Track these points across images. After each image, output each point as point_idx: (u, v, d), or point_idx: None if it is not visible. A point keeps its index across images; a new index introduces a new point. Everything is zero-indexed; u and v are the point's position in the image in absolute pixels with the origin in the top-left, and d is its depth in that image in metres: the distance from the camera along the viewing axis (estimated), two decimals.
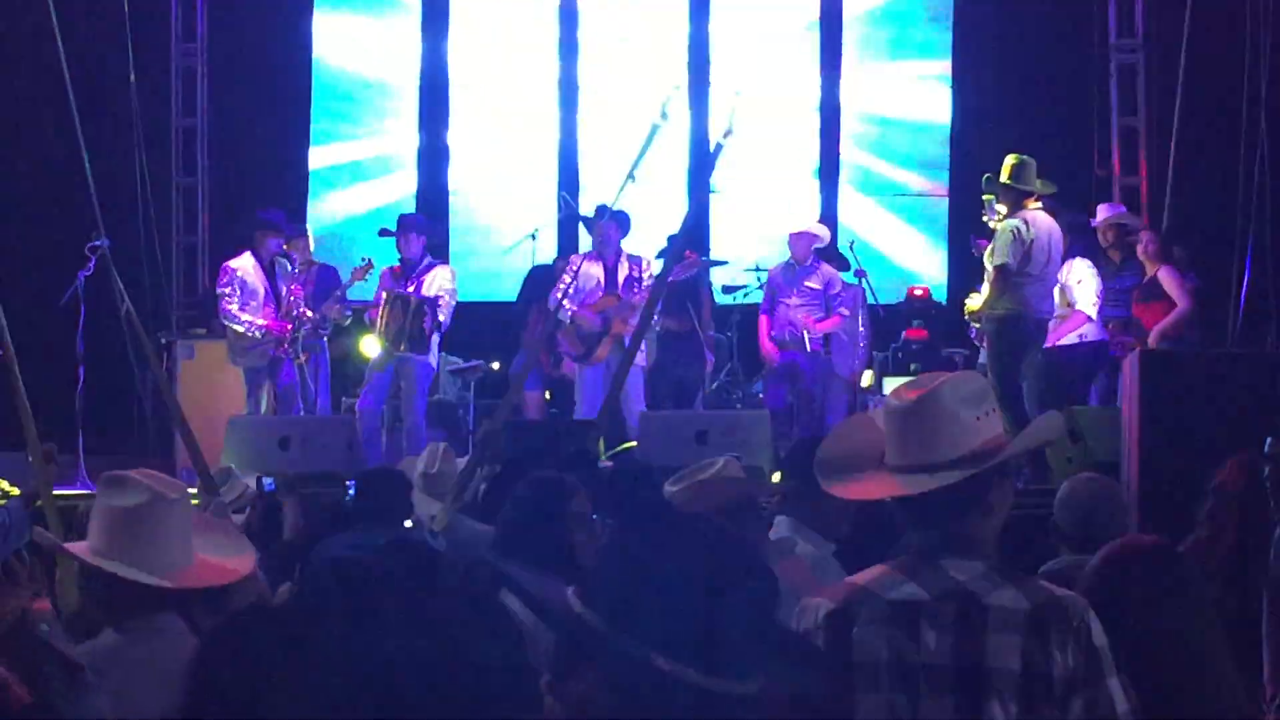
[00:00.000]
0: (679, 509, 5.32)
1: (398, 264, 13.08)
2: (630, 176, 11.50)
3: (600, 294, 12.83)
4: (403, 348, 12.65)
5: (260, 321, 12.92)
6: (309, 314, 13.10)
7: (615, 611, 2.34)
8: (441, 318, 12.83)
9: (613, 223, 12.89)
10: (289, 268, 13.19)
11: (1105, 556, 4.11)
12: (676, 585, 2.33)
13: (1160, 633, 3.90)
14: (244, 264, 13.12)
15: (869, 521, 4.93)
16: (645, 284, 12.62)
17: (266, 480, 9.24)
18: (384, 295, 12.82)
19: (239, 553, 4.32)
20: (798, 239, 13.31)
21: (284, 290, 13.07)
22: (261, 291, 13.03)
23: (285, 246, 13.43)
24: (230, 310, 12.99)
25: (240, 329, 12.97)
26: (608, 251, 12.95)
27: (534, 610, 3.93)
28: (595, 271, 12.90)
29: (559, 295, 12.79)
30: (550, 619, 2.40)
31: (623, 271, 12.91)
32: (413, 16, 17.25)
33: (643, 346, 12.34)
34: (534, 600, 4.05)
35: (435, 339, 12.94)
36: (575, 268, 12.87)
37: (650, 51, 17.06)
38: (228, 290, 13.02)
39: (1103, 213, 12.93)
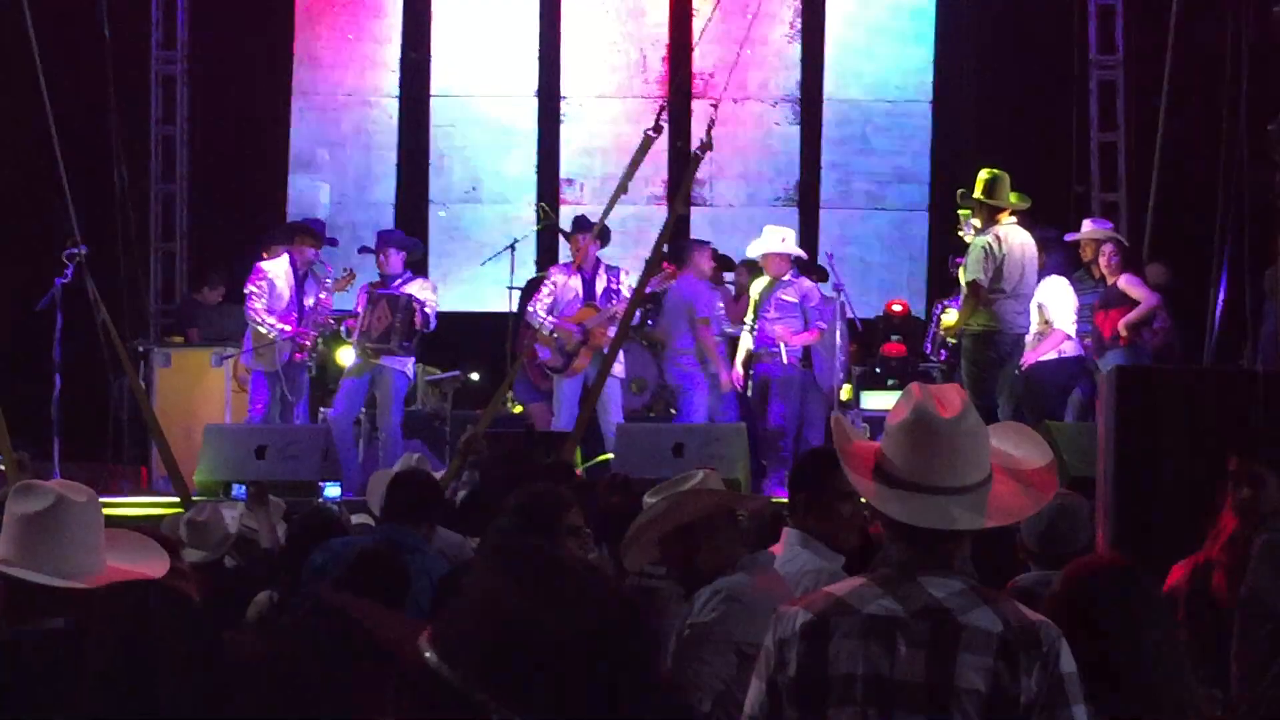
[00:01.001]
0: (647, 526, 5.29)
1: (377, 280, 13.04)
2: (622, 188, 11.52)
3: (579, 306, 12.82)
4: (392, 345, 12.59)
5: (282, 326, 12.87)
6: (332, 323, 13.11)
7: (474, 665, 2.09)
8: (429, 311, 12.82)
9: (591, 235, 12.87)
10: (323, 276, 13.12)
11: (1068, 575, 4.10)
12: (549, 642, 2.07)
13: (1124, 649, 3.89)
14: (276, 267, 13.09)
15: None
16: (623, 295, 12.61)
17: (238, 488, 9.19)
18: (367, 297, 12.78)
19: (150, 559, 4.25)
20: (768, 259, 13.23)
21: (313, 299, 13.01)
22: (287, 296, 12.98)
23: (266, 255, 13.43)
24: (256, 310, 12.94)
25: (263, 330, 12.93)
26: (586, 263, 12.93)
27: None
28: (574, 284, 12.88)
29: (537, 308, 12.79)
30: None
31: (600, 283, 12.89)
32: (394, 27, 17.24)
33: (620, 358, 12.35)
34: None
35: (411, 355, 12.93)
36: (554, 280, 12.88)
37: (631, 63, 17.06)
38: (256, 290, 12.98)
39: (1085, 227, 12.93)
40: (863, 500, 3.87)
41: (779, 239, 13.31)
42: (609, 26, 17.13)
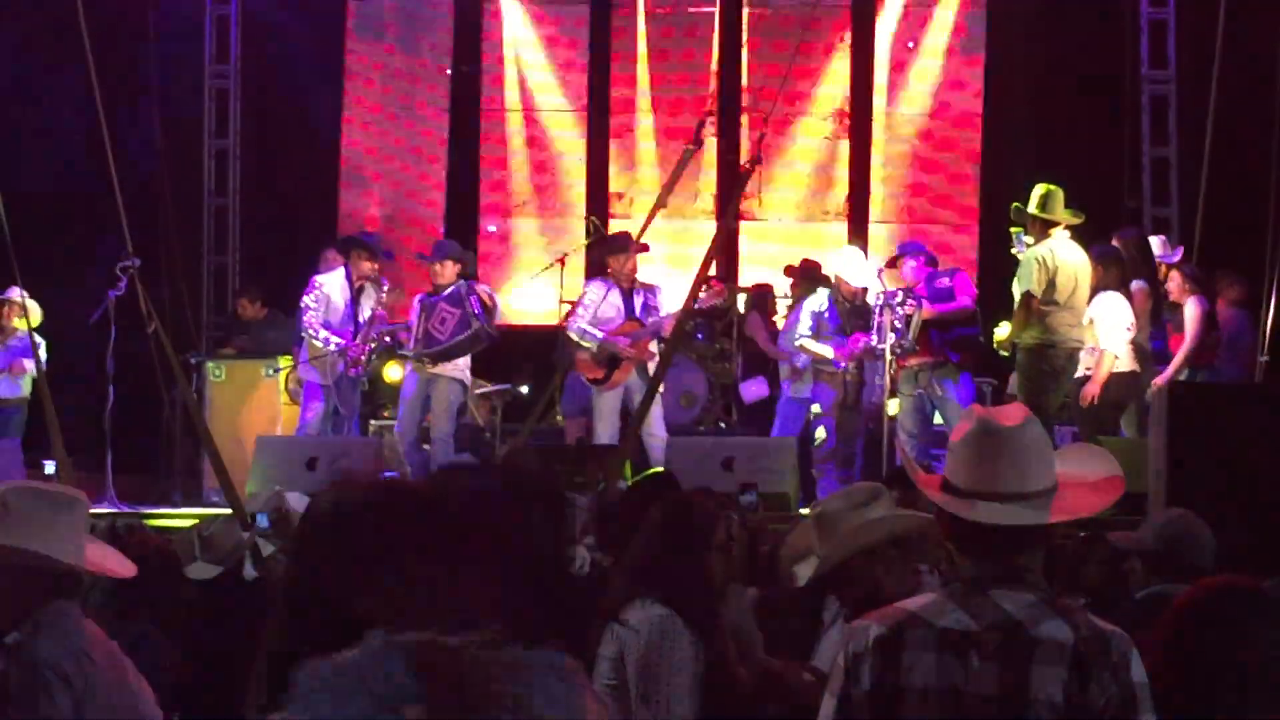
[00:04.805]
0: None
1: (431, 291, 13.02)
2: (660, 203, 11.52)
3: (621, 320, 12.81)
4: (475, 327, 12.55)
5: (337, 340, 12.89)
6: (387, 340, 13.13)
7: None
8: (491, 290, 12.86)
9: (635, 251, 12.90)
10: (379, 292, 13.11)
11: (1193, 593, 4.07)
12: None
13: (1246, 669, 3.88)
14: (332, 281, 13.10)
15: None
16: (660, 311, 12.66)
17: (261, 516, 8.88)
18: (420, 306, 12.75)
19: (122, 563, 4.71)
20: (846, 281, 13.08)
21: (369, 312, 13.03)
22: (342, 309, 13.00)
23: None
24: (311, 323, 12.97)
25: (318, 343, 12.95)
26: (625, 279, 12.93)
27: None
28: (614, 299, 12.88)
29: (584, 322, 12.77)
30: None
31: (638, 299, 12.90)
32: (445, 41, 17.31)
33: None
34: None
35: (494, 335, 12.90)
36: (593, 295, 12.87)
37: (681, 77, 17.08)
38: (312, 303, 13.01)
39: (1154, 246, 12.82)
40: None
41: (867, 265, 13.25)
42: (659, 41, 17.15)
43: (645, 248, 13.02)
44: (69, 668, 4.22)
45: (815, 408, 13.12)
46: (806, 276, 14.25)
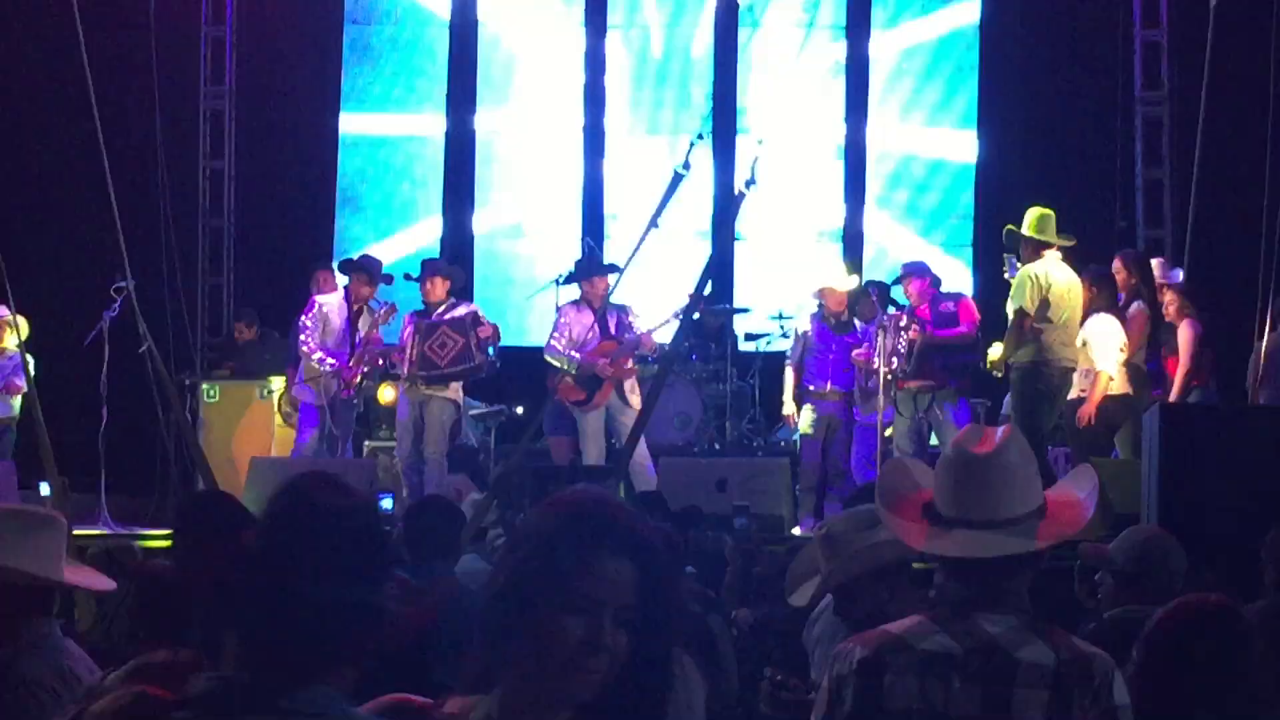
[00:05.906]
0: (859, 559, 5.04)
1: (421, 309, 13.02)
2: (653, 224, 11.51)
3: (597, 341, 12.81)
4: (477, 359, 12.56)
5: (332, 361, 12.88)
6: (380, 363, 13.12)
7: None
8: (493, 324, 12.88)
9: (608, 274, 12.91)
10: (375, 313, 13.09)
11: (1170, 614, 4.07)
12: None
13: (1220, 690, 3.89)
14: (331, 302, 13.12)
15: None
16: (635, 330, 12.67)
17: None
18: (413, 328, 12.73)
19: (102, 580, 4.86)
20: (833, 294, 13.10)
21: (364, 335, 13.01)
22: (339, 332, 13.00)
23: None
24: (307, 342, 12.97)
25: (313, 362, 12.95)
26: (597, 301, 12.93)
27: None
28: (587, 320, 12.88)
29: (562, 345, 12.76)
30: None
31: (611, 319, 12.91)
32: (440, 64, 17.33)
33: (635, 389, 12.50)
34: None
35: (493, 363, 12.91)
36: (567, 318, 12.88)
37: (677, 99, 17.11)
38: (309, 323, 13.01)
39: (1155, 269, 12.79)
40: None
41: (847, 275, 13.27)
42: (655, 63, 17.19)
43: (615, 268, 13.02)
44: (54, 684, 4.22)
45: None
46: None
